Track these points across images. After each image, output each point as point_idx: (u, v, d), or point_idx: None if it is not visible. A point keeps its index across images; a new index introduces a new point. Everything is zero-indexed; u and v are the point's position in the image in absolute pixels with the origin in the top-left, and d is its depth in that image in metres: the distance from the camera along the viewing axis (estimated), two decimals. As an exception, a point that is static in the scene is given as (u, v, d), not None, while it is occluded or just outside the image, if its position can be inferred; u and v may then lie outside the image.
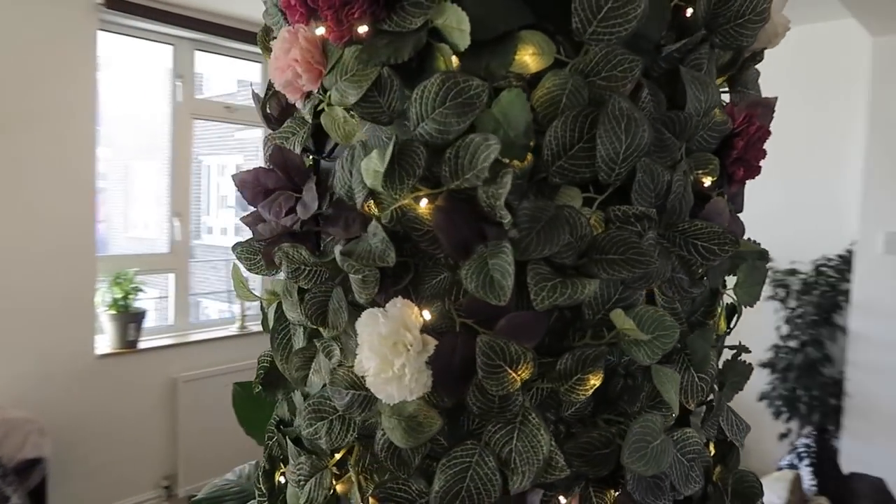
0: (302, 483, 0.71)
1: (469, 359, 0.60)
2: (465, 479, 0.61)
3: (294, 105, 0.77)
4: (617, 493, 0.63)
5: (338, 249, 0.63)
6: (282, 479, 0.79)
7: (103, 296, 2.97)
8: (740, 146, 0.69)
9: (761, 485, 0.74)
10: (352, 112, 0.65)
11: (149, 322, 3.20)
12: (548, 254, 0.58)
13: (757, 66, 0.78)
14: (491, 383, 0.59)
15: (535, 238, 0.58)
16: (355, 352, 0.64)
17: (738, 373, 0.77)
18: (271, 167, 0.72)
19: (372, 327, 0.61)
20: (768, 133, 0.71)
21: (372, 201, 0.64)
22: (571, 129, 0.59)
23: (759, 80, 0.80)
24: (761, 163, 0.74)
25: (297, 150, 0.71)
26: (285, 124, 0.75)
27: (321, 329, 0.70)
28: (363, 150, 0.63)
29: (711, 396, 0.72)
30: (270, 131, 0.79)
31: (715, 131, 0.68)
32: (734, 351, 0.77)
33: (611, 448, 0.63)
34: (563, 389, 0.61)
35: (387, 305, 0.61)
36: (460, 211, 0.60)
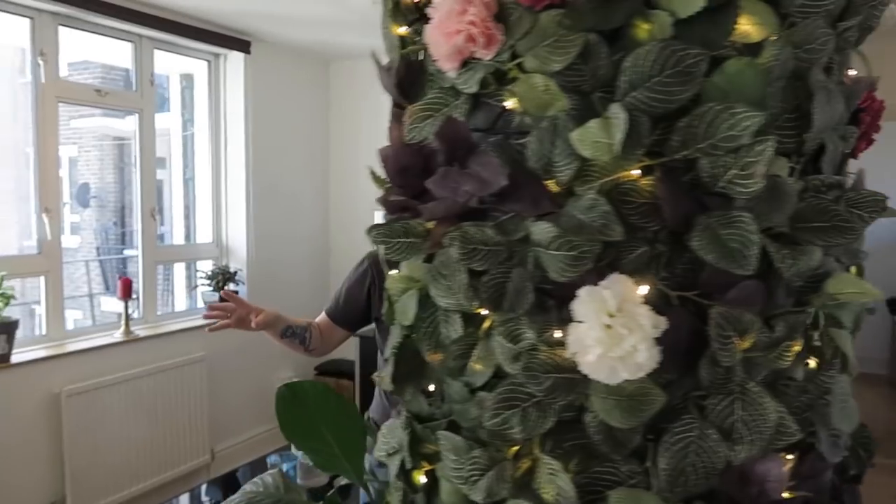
0: (475, 478, 0.67)
1: (695, 332, 0.59)
2: (689, 454, 0.60)
3: (422, 76, 0.72)
4: (806, 454, 0.66)
5: (541, 226, 0.60)
6: (422, 479, 0.74)
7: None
8: (867, 121, 0.74)
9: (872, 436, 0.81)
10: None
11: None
12: (775, 223, 0.59)
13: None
14: (724, 354, 0.59)
15: (765, 207, 0.58)
16: (552, 333, 0.62)
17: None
18: (431, 142, 0.66)
19: (597, 304, 0.58)
20: (883, 108, 0.77)
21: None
22: (783, 101, 0.60)
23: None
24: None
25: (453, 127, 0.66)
26: (429, 96, 0.69)
27: (493, 314, 0.66)
28: (570, 120, 0.60)
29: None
30: (396, 107, 0.72)
31: (853, 105, 0.73)
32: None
33: (807, 412, 0.65)
34: (772, 357, 0.62)
35: (606, 282, 0.59)
36: (679, 182, 0.59)
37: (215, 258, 3.68)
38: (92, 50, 3.69)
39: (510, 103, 0.65)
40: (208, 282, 3.41)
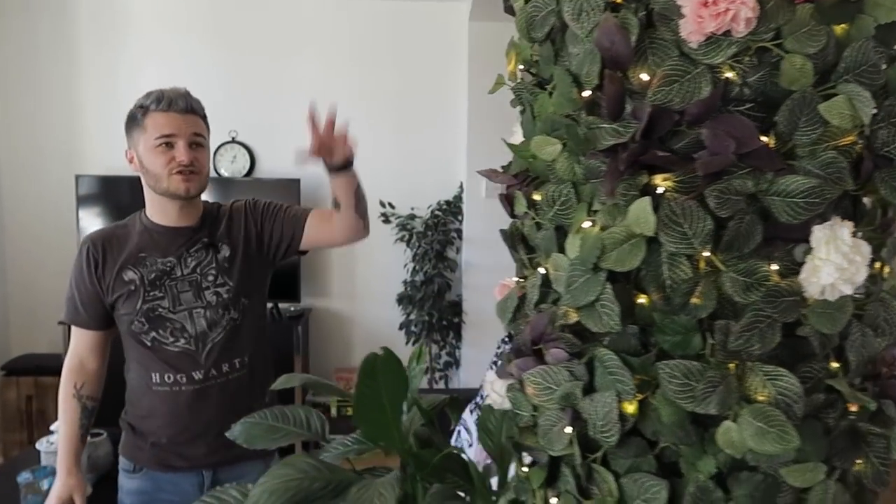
0: (707, 395, 0.79)
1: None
2: (863, 348, 0.82)
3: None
4: None
5: (790, 178, 0.75)
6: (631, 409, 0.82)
7: None
8: None
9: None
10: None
11: None
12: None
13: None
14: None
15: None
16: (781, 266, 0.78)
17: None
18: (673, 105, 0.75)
19: (836, 239, 0.76)
20: None
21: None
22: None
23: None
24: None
25: (707, 93, 0.76)
26: (671, 64, 0.77)
27: (720, 254, 0.79)
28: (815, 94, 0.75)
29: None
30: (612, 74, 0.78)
31: None
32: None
33: None
34: None
35: (831, 223, 0.77)
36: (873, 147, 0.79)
37: None
38: None
39: (731, 74, 0.77)
40: None
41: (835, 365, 0.82)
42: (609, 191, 0.79)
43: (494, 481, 1.14)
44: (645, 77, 0.79)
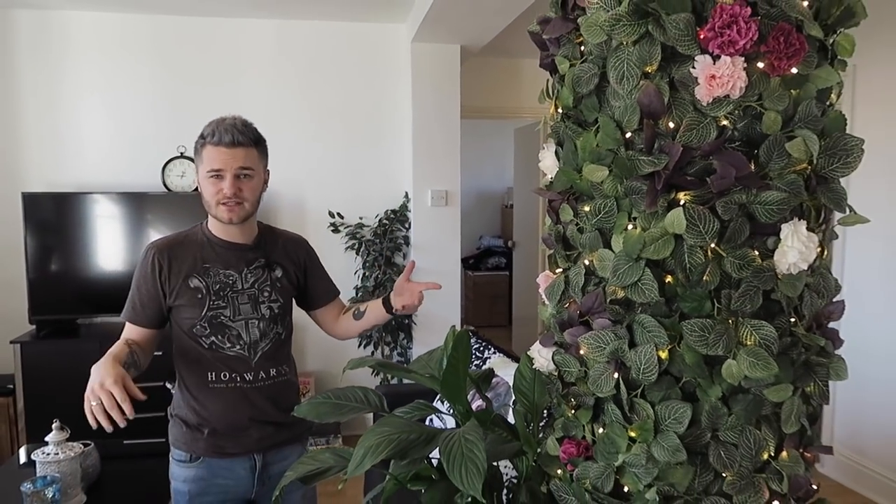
0: (716, 341, 1.15)
1: (817, 244, 1.20)
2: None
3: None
4: None
5: (770, 192, 1.12)
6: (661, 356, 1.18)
7: None
8: None
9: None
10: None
11: None
12: None
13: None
14: (828, 254, 1.21)
15: None
16: (760, 252, 1.15)
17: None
18: (693, 144, 1.11)
19: (799, 233, 1.14)
20: None
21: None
22: None
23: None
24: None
25: (714, 136, 1.13)
26: (689, 118, 1.13)
27: (721, 246, 1.15)
28: (784, 137, 1.13)
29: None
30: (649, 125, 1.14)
31: None
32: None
33: None
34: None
35: (793, 222, 1.15)
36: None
37: None
38: None
39: (726, 123, 1.14)
40: None
41: (794, 319, 1.21)
42: (650, 203, 1.15)
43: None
44: (671, 125, 1.14)
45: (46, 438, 2.52)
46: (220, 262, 1.83)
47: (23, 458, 2.85)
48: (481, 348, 3.08)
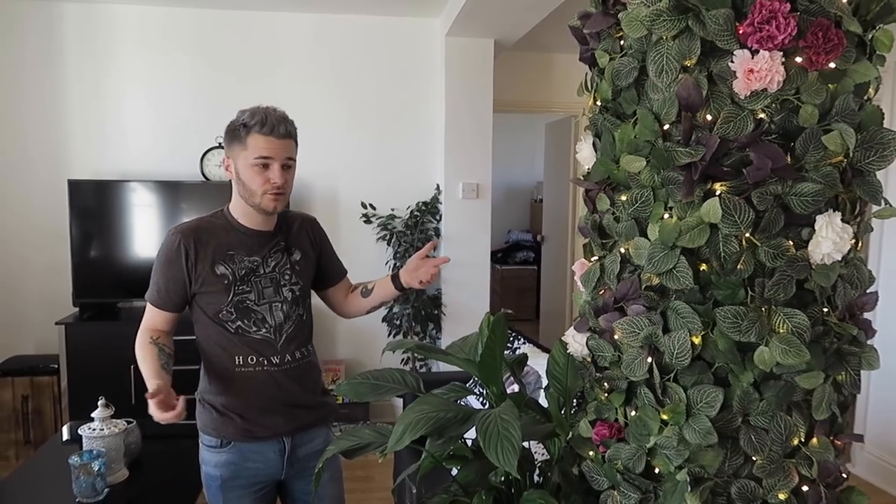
0: (748, 328, 1.18)
1: (851, 236, 1.23)
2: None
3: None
4: None
5: (806, 184, 1.15)
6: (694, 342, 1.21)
7: None
8: None
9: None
10: None
11: None
12: None
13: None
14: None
15: None
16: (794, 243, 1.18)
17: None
18: (729, 135, 1.14)
19: (833, 223, 1.17)
20: None
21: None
22: None
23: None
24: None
25: (751, 129, 1.16)
26: (727, 109, 1.16)
27: (756, 236, 1.18)
28: (820, 130, 1.16)
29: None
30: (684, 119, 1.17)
31: None
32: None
33: None
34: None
35: (828, 214, 1.18)
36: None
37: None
38: None
39: (763, 116, 1.17)
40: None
41: (827, 308, 1.24)
42: (686, 193, 1.18)
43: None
44: (709, 117, 1.18)
45: (93, 415, 2.62)
46: (244, 248, 1.87)
47: (65, 435, 2.96)
48: (511, 338, 3.12)
